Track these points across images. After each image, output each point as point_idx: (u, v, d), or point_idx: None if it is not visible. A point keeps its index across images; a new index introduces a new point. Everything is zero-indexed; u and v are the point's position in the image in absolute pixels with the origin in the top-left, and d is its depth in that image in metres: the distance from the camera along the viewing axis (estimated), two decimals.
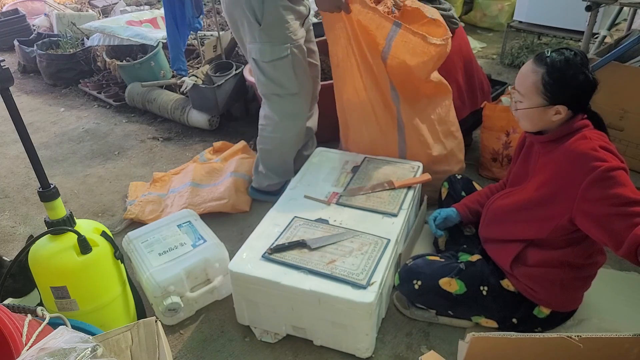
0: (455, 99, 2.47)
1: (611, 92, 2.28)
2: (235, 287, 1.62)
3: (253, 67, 2.09)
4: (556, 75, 1.33)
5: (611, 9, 3.06)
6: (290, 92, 2.07)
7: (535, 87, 1.36)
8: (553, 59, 1.34)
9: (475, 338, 1.13)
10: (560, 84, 1.33)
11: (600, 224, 1.28)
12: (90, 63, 4.04)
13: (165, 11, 3.02)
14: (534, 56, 1.39)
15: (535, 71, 1.36)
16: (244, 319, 1.69)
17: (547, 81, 1.34)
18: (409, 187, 1.91)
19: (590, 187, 1.27)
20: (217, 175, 2.54)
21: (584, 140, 1.33)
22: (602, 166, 1.25)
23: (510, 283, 1.55)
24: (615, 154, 1.31)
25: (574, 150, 1.33)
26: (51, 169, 2.86)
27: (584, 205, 1.30)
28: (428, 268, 1.62)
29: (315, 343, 1.62)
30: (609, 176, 1.25)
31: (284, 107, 2.13)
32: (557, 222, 1.38)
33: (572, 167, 1.32)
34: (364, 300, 1.43)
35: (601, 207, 1.26)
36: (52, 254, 1.38)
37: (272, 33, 1.94)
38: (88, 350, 0.94)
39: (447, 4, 2.46)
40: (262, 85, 2.10)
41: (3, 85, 1.26)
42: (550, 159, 1.41)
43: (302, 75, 2.08)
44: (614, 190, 1.24)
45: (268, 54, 1.98)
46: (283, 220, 1.76)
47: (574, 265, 1.46)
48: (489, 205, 1.64)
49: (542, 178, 1.42)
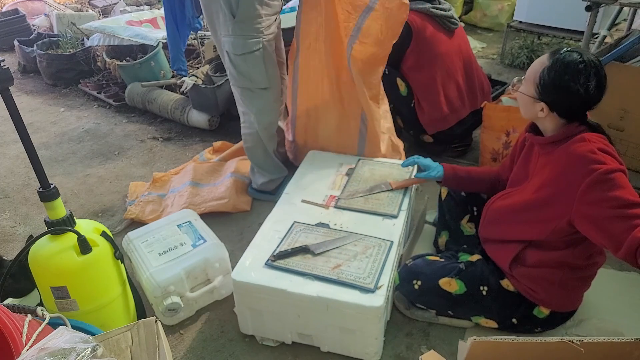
0: (456, 99, 2.47)
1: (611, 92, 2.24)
2: (239, 297, 1.60)
3: (226, 60, 2.13)
4: (552, 74, 1.34)
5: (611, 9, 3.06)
6: (260, 86, 2.12)
7: (534, 77, 1.38)
8: (559, 58, 1.34)
9: (476, 342, 1.12)
10: (551, 83, 1.34)
11: (598, 226, 1.28)
12: (90, 63, 4.04)
13: (165, 11, 3.01)
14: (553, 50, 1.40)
15: (542, 63, 1.37)
16: (247, 329, 1.67)
17: (543, 75, 1.35)
18: (405, 192, 1.90)
19: (589, 190, 1.27)
20: (217, 175, 2.54)
21: (583, 142, 1.33)
22: (600, 169, 1.25)
23: (510, 283, 1.55)
24: (614, 156, 1.31)
25: (572, 152, 1.33)
26: (51, 169, 2.87)
27: (582, 207, 1.30)
28: (428, 268, 1.62)
29: (322, 349, 1.60)
30: (607, 178, 1.25)
31: (255, 101, 2.16)
32: (556, 224, 1.38)
33: (570, 170, 1.32)
34: (373, 304, 1.42)
35: (600, 210, 1.26)
36: (52, 254, 1.38)
37: (245, 27, 1.98)
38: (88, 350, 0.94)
39: (447, 4, 2.46)
40: (233, 78, 2.14)
41: (3, 85, 1.26)
42: (549, 160, 1.42)
43: (272, 70, 2.12)
44: (613, 192, 1.24)
45: (240, 47, 2.02)
46: (283, 226, 1.75)
47: (574, 265, 1.46)
48: (488, 205, 1.64)
49: (541, 180, 1.42)
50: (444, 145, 2.64)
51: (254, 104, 2.17)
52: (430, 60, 2.39)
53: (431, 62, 2.39)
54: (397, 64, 2.44)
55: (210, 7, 2.05)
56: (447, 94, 2.44)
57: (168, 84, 3.43)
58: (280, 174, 2.39)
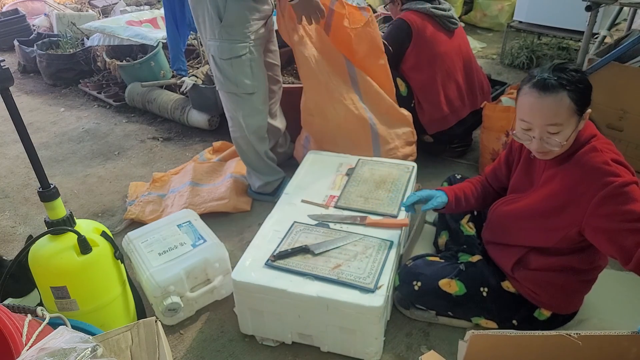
0: (455, 99, 2.47)
1: (611, 92, 2.28)
2: (239, 297, 1.60)
3: (211, 64, 2.11)
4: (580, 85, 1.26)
5: (611, 9, 3.06)
6: (246, 91, 2.09)
7: (570, 110, 1.26)
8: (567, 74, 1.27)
9: (475, 336, 1.13)
10: (583, 91, 1.27)
11: (610, 238, 1.27)
12: (90, 63, 4.04)
13: (165, 11, 3.02)
14: (538, 89, 1.27)
15: (560, 97, 1.25)
16: (247, 329, 1.67)
17: (573, 96, 1.25)
18: (405, 192, 1.90)
19: (603, 203, 1.26)
20: (216, 175, 2.54)
21: (595, 152, 1.30)
22: (615, 182, 1.24)
23: (510, 285, 1.55)
24: (627, 165, 1.30)
25: (585, 164, 1.30)
26: (51, 169, 2.87)
27: (594, 219, 1.28)
28: (428, 269, 1.62)
29: (323, 349, 1.60)
30: (622, 192, 1.24)
31: (242, 105, 2.14)
32: (564, 233, 1.36)
33: (584, 181, 1.30)
34: (373, 304, 1.42)
35: (612, 223, 1.25)
36: (52, 254, 1.38)
37: (232, 31, 1.96)
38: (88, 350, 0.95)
39: (447, 4, 2.46)
40: (219, 83, 2.12)
41: (3, 85, 1.26)
42: (559, 170, 1.38)
43: (258, 74, 2.10)
44: (627, 206, 1.23)
45: (226, 52, 2.00)
46: (283, 225, 1.75)
47: (577, 270, 1.45)
48: (493, 209, 1.62)
49: (550, 189, 1.39)
50: (444, 145, 2.64)
51: (240, 108, 2.15)
52: (430, 60, 2.39)
53: (431, 62, 2.39)
54: (397, 64, 2.44)
55: (197, 10, 2.02)
56: (447, 94, 2.44)
57: (168, 84, 3.43)
58: (275, 176, 2.36)
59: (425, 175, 2.45)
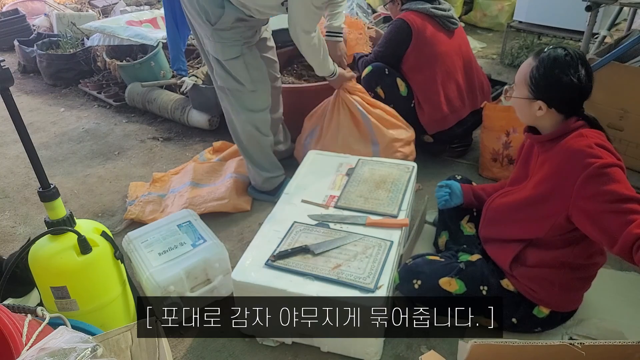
0: (456, 99, 2.47)
1: (611, 92, 2.28)
2: (239, 297, 1.60)
3: (212, 60, 2.12)
4: (542, 70, 1.36)
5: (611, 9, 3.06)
6: (247, 89, 2.11)
7: (524, 78, 1.40)
8: (544, 55, 1.37)
9: (476, 345, 1.12)
10: (543, 80, 1.36)
11: (594, 220, 1.28)
12: (90, 63, 4.04)
13: (165, 11, 3.02)
14: (537, 50, 1.43)
15: (529, 63, 1.40)
16: (247, 329, 1.66)
17: (534, 74, 1.38)
18: (405, 192, 1.90)
19: (585, 184, 1.28)
20: (216, 175, 2.54)
21: (580, 137, 1.34)
22: (596, 162, 1.26)
23: (510, 283, 1.55)
24: (612, 151, 1.32)
25: (569, 147, 1.34)
26: (51, 169, 2.86)
27: (579, 202, 1.30)
28: (428, 268, 1.62)
29: (323, 349, 1.60)
30: (603, 172, 1.25)
31: (243, 101, 2.15)
32: (554, 220, 1.38)
33: (567, 164, 1.33)
34: (373, 304, 1.42)
35: (595, 204, 1.26)
36: (52, 254, 1.38)
37: (224, 34, 1.99)
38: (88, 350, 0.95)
39: (447, 4, 2.46)
40: (221, 79, 2.12)
41: (3, 85, 1.26)
42: (547, 157, 1.42)
43: (256, 74, 2.12)
44: (608, 186, 1.24)
45: (220, 53, 2.03)
46: (283, 225, 1.75)
47: (574, 265, 1.46)
48: (488, 204, 1.65)
49: (540, 176, 1.43)
50: (444, 145, 2.64)
51: (242, 104, 2.16)
52: (430, 60, 2.39)
53: (431, 62, 2.39)
54: (397, 64, 2.44)
55: (189, 9, 2.03)
56: (447, 94, 2.44)
57: (168, 84, 3.43)
58: (277, 172, 2.37)
59: (425, 175, 2.45)
